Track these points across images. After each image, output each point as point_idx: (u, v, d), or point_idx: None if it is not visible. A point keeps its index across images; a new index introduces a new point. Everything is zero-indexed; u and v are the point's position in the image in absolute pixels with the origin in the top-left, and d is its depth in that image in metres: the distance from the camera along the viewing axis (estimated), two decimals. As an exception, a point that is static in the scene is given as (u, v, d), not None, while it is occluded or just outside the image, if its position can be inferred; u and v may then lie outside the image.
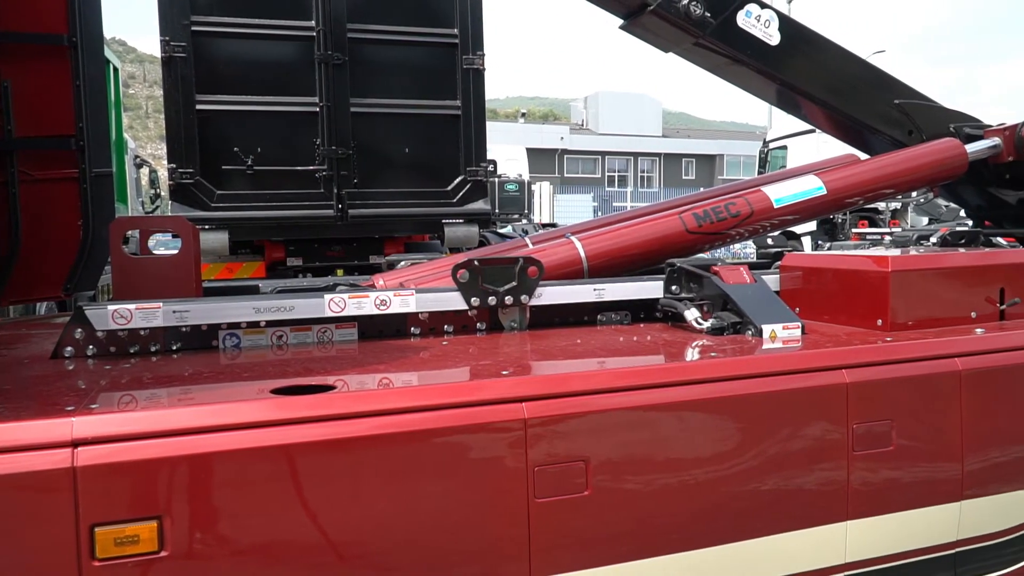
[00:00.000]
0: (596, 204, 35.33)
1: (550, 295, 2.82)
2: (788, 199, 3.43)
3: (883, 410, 2.25)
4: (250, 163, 6.30)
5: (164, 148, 6.55)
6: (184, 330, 2.48)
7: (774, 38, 3.55)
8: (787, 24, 3.60)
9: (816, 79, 3.75)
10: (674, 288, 2.88)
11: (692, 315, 2.69)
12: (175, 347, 2.49)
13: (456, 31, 6.68)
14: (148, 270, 2.79)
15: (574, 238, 3.21)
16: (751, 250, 18.00)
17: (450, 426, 1.81)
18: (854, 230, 13.92)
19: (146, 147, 45.41)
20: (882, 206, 14.20)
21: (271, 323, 2.55)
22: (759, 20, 3.51)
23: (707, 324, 2.63)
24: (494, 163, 12.49)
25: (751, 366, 2.18)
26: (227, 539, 1.65)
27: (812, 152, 11.25)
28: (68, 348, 2.39)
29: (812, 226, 13.78)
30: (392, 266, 3.72)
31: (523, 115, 50.74)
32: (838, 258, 2.87)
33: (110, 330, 2.39)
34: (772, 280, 2.96)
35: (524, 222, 18.18)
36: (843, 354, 2.29)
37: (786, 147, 16.45)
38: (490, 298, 2.72)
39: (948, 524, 2.36)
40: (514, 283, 2.74)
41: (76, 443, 1.56)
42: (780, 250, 5.42)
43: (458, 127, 6.76)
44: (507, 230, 15.53)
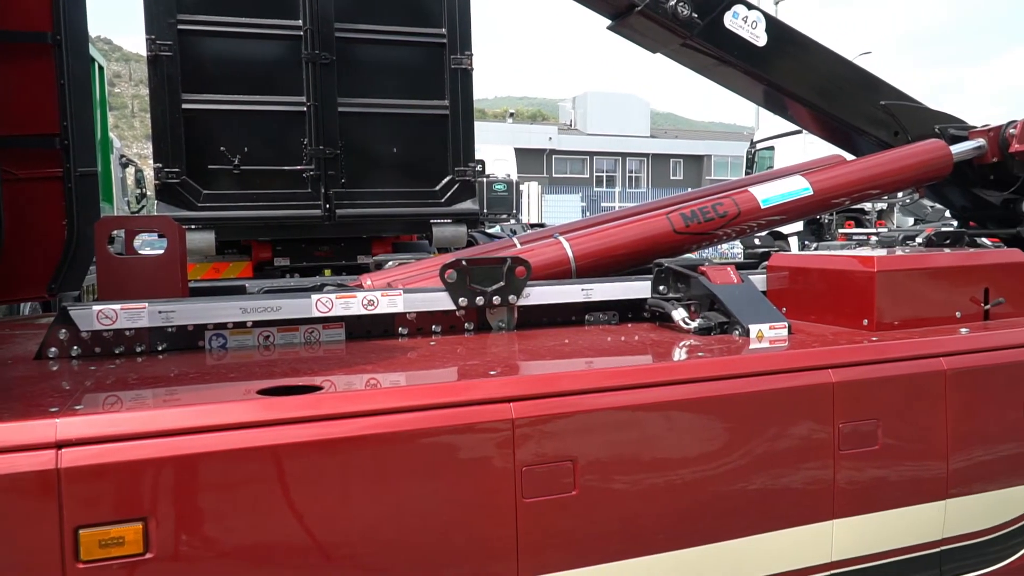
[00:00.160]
0: (584, 204, 35.34)
1: (538, 295, 2.82)
2: (775, 199, 3.45)
3: (869, 409, 2.27)
4: (237, 163, 6.27)
5: (150, 147, 6.51)
6: (170, 331, 2.47)
7: (761, 39, 3.56)
8: (774, 25, 3.62)
9: (802, 80, 3.76)
10: (662, 288, 2.89)
11: (679, 315, 2.70)
12: (161, 348, 2.47)
13: (444, 31, 6.67)
14: (134, 270, 2.77)
15: (562, 238, 3.21)
16: (738, 250, 18.06)
17: (438, 426, 1.81)
18: (841, 230, 13.98)
19: (132, 146, 45.16)
20: (868, 207, 14.27)
21: (258, 323, 2.53)
22: (746, 21, 3.52)
23: (694, 324, 2.64)
24: (482, 163, 12.50)
25: (738, 366, 2.19)
26: (213, 541, 1.64)
27: (799, 153, 11.30)
28: (52, 349, 2.37)
29: (799, 226, 13.83)
30: (380, 266, 3.71)
31: (511, 115, 50.66)
32: (825, 258, 2.88)
33: (95, 331, 2.37)
34: (759, 280, 2.98)
35: (512, 222, 18.15)
36: (829, 354, 2.30)
37: (773, 148, 16.50)
38: (478, 298, 2.71)
39: (933, 523, 2.38)
40: (502, 283, 2.74)
41: (60, 444, 1.54)
42: (767, 250, 5.45)
43: (446, 127, 6.75)
44: (495, 230, 15.51)
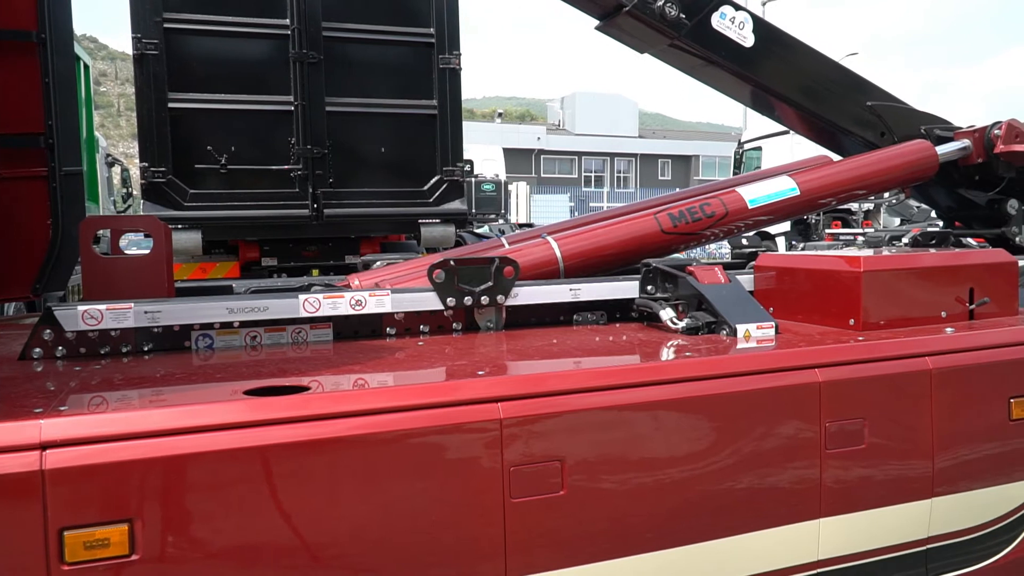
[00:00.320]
0: (572, 204, 35.36)
1: (526, 295, 2.82)
2: (762, 200, 3.46)
3: (855, 409, 2.28)
4: (224, 162, 6.23)
5: (136, 146, 6.47)
6: (156, 331, 2.45)
7: (748, 40, 3.58)
8: (761, 26, 3.64)
9: (789, 81, 3.78)
10: (649, 288, 2.89)
11: (667, 315, 2.71)
12: (147, 348, 2.46)
13: (432, 30, 6.66)
14: (119, 270, 2.76)
15: (550, 238, 3.22)
16: (726, 250, 18.13)
17: (425, 427, 1.81)
18: (827, 231, 14.04)
19: (118, 145, 44.90)
20: (855, 207, 14.35)
21: (245, 324, 2.52)
22: (733, 22, 3.54)
23: (682, 324, 2.64)
24: (471, 163, 12.51)
25: (725, 366, 2.20)
26: (200, 542, 1.63)
27: (786, 153, 11.34)
28: (37, 349, 2.35)
29: (786, 226, 13.89)
30: (368, 266, 3.70)
31: (500, 115, 50.66)
32: (811, 258, 2.89)
33: (80, 331, 2.35)
34: (746, 280, 2.98)
35: (501, 222, 18.17)
36: (816, 353, 2.31)
37: (761, 148, 16.56)
38: (466, 298, 2.71)
39: (919, 521, 2.39)
40: (490, 283, 2.73)
41: (44, 446, 1.53)
42: (754, 250, 5.48)
43: (434, 127, 6.74)
44: (484, 230, 15.52)
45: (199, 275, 6.75)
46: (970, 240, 4.17)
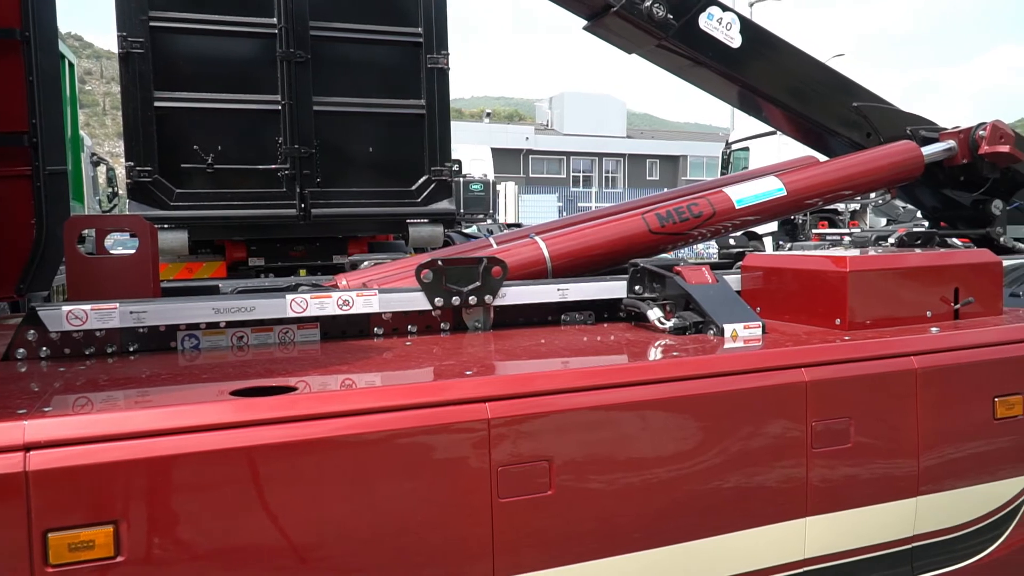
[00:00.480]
0: (561, 204, 35.38)
1: (514, 295, 2.82)
2: (749, 200, 3.48)
3: (841, 408, 2.29)
4: (210, 161, 6.20)
5: (122, 146, 6.43)
6: (141, 331, 2.44)
7: (735, 40, 3.59)
8: (748, 27, 3.65)
9: (776, 82, 3.80)
10: (637, 288, 2.90)
11: (655, 315, 2.71)
12: (132, 349, 2.44)
13: (420, 30, 6.65)
14: (104, 270, 2.73)
15: (538, 238, 3.22)
16: (713, 250, 18.18)
17: (413, 427, 1.80)
18: (814, 231, 14.11)
19: (103, 144, 44.65)
20: (841, 207, 14.42)
21: (231, 324, 2.51)
22: (721, 23, 3.55)
23: (669, 324, 2.65)
24: (459, 163, 12.47)
25: (712, 365, 2.20)
26: (186, 543, 1.62)
27: (774, 154, 11.38)
28: (20, 350, 2.33)
29: (773, 227, 13.94)
30: (355, 266, 3.69)
31: (488, 115, 50.64)
32: (798, 258, 2.91)
33: (64, 331, 2.33)
34: (734, 280, 2.99)
35: (489, 222, 18.18)
36: (802, 353, 2.32)
37: (748, 148, 16.62)
38: (454, 298, 2.71)
39: (905, 520, 2.41)
40: (478, 283, 2.73)
41: (28, 447, 1.52)
42: (742, 250, 5.49)
43: (422, 126, 6.73)
44: (472, 230, 15.50)
45: (185, 275, 6.71)
46: (955, 240, 4.20)
